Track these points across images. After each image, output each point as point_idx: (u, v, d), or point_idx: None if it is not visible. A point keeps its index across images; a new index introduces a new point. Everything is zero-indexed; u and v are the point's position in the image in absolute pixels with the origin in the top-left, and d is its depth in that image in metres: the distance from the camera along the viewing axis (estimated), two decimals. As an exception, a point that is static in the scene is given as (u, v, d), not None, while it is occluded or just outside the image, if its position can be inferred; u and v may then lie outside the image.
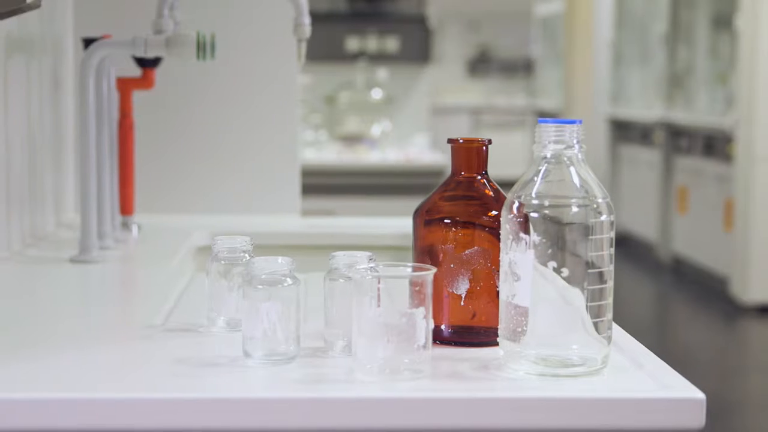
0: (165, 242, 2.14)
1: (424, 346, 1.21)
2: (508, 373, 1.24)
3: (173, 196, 2.60)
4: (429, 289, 1.22)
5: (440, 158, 5.11)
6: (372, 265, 1.27)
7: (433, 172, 4.81)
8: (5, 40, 1.92)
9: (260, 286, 1.26)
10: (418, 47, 5.85)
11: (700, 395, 1.14)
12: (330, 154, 5.06)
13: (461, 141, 1.40)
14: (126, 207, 2.28)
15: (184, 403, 1.14)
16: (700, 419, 1.14)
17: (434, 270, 1.22)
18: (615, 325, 1.44)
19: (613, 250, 1.25)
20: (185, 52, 1.90)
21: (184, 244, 2.09)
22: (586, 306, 1.24)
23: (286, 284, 1.27)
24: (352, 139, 5.32)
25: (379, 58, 5.77)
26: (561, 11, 10.99)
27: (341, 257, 1.31)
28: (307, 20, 2.02)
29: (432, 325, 1.23)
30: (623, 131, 8.97)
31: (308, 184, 4.66)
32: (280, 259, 1.28)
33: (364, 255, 1.31)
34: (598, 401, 1.15)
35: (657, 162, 7.96)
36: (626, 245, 8.68)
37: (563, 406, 1.15)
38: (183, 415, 1.13)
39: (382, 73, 5.56)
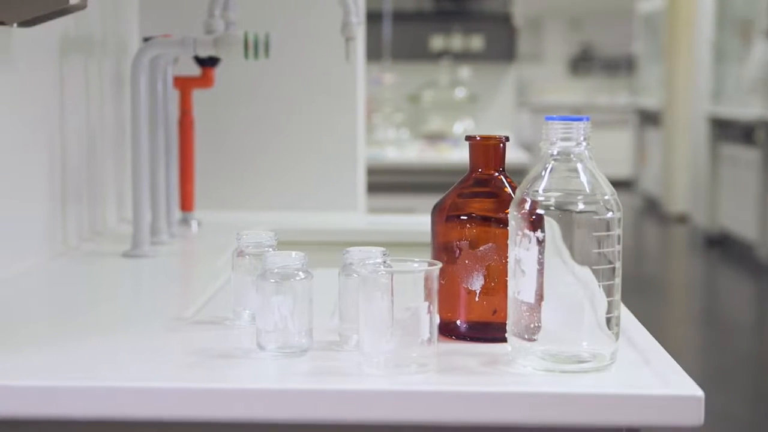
0: (220, 238, 2.18)
1: (429, 341, 1.22)
2: (515, 368, 1.25)
3: (235, 192, 2.65)
4: (434, 284, 1.23)
5: (522, 157, 5.09)
6: (383, 260, 1.29)
7: (514, 171, 4.80)
8: (60, 39, 1.98)
9: (272, 280, 1.28)
10: (503, 46, 5.84)
11: (699, 393, 1.14)
12: (412, 153, 5.08)
13: (478, 138, 1.41)
14: (186, 203, 2.34)
15: (189, 392, 1.16)
16: (698, 417, 1.13)
17: (439, 265, 1.24)
18: (634, 321, 1.45)
19: (620, 246, 1.25)
20: (233, 52, 1.93)
21: (238, 240, 2.13)
22: (598, 302, 1.24)
23: (298, 278, 1.29)
24: (434, 138, 5.33)
25: (464, 56, 5.77)
26: (663, 8, 10.86)
27: (355, 252, 1.33)
28: (354, 19, 2.04)
29: (437, 320, 1.24)
30: (723, 130, 8.84)
31: (389, 182, 4.71)
32: (293, 253, 1.31)
33: (377, 250, 1.33)
34: (595, 397, 1.15)
35: (757, 161, 7.83)
36: (726, 245, 8.56)
37: (561, 402, 1.15)
38: (188, 404, 1.16)
39: (464, 71, 5.56)
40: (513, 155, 5.16)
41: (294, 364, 1.26)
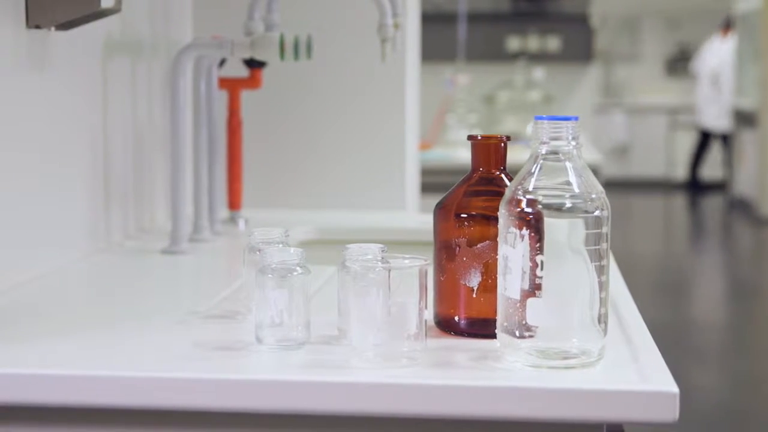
0: (263, 236, 2.22)
1: (417, 335, 1.25)
2: (503, 364, 1.26)
3: (283, 191, 2.69)
4: (425, 281, 1.25)
5: (597, 158, 5.06)
6: (377, 256, 1.32)
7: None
8: (104, 42, 2.04)
9: (270, 275, 1.32)
10: (580, 46, 5.80)
11: (674, 390, 1.14)
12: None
13: (480, 137, 1.43)
14: (234, 202, 2.39)
15: (180, 382, 1.21)
16: (673, 413, 1.14)
17: (429, 262, 1.26)
18: (638, 317, 1.46)
19: (607, 245, 1.26)
20: (270, 53, 1.97)
21: (279, 238, 2.17)
22: (585, 299, 1.25)
23: (295, 274, 1.32)
24: (507, 139, 5.31)
25: (540, 57, 5.74)
26: (760, 8, 10.68)
27: (353, 249, 1.36)
28: (389, 21, 2.07)
29: (425, 315, 1.26)
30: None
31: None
32: (292, 249, 1.34)
33: (376, 247, 1.36)
34: (570, 392, 1.16)
35: None
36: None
37: (541, 397, 1.17)
38: (179, 393, 1.20)
39: (538, 72, 5.54)
40: (587, 157, 5.14)
41: (288, 357, 1.29)
